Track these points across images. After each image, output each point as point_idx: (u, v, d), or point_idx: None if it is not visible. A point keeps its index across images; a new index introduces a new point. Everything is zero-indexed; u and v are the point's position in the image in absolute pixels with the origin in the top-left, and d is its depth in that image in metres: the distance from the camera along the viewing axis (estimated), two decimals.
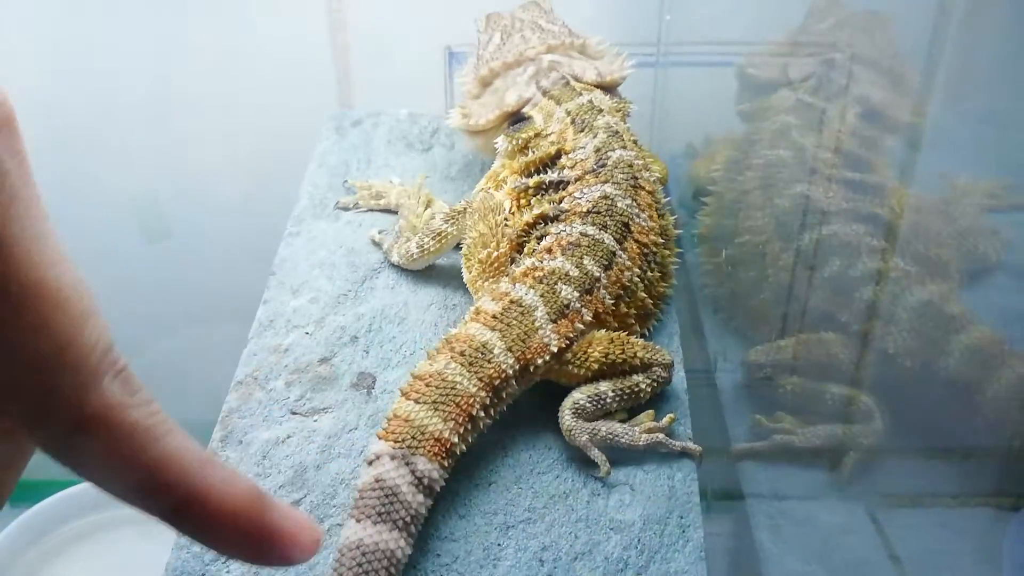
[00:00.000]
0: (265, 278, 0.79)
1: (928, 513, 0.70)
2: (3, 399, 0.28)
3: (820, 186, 0.72)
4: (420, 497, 0.56)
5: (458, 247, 0.74)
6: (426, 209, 0.80)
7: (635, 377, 0.65)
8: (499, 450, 0.64)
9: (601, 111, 0.73)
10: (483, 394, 0.59)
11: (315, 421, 0.66)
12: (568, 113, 0.74)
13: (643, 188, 0.70)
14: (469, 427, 0.59)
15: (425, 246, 0.75)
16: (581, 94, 0.75)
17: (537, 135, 0.75)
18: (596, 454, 0.62)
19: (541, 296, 0.64)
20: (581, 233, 0.68)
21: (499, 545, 0.58)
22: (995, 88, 0.79)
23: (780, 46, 0.90)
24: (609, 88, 0.78)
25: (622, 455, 0.64)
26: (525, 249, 0.70)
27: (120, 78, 1.05)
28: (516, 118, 0.77)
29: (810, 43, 0.86)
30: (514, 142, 0.75)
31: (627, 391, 0.64)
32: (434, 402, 0.58)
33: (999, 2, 0.82)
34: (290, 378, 0.69)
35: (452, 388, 0.59)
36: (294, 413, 0.67)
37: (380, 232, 0.80)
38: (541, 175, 0.73)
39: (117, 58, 1.06)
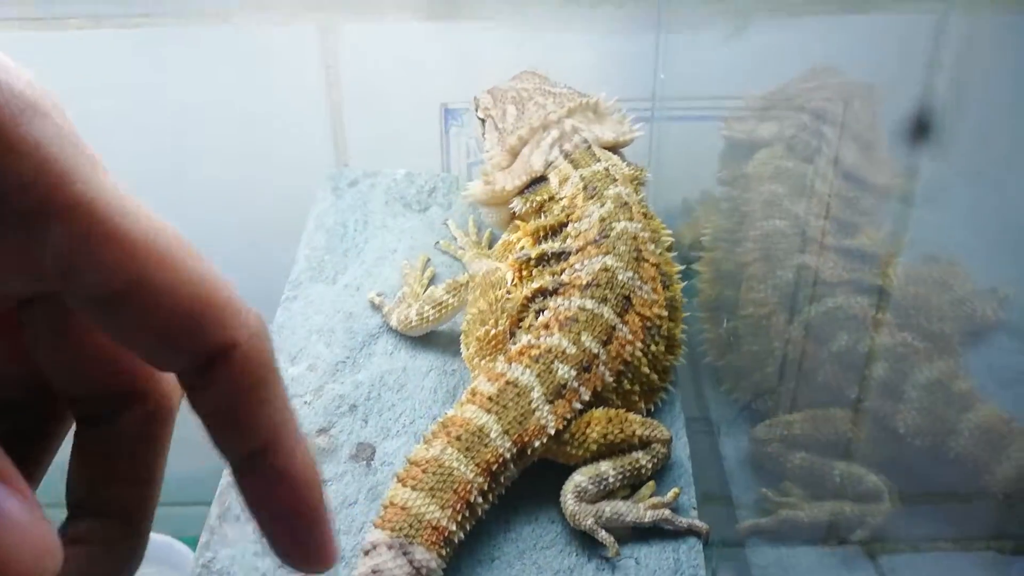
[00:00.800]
0: None
1: (926, 557, 0.70)
2: (153, 340, 0.27)
3: (819, 256, 0.73)
4: None
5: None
6: (429, 284, 0.80)
7: (635, 454, 0.64)
8: (501, 525, 0.63)
9: (615, 180, 0.73)
10: (481, 480, 0.59)
11: None
12: (582, 179, 0.74)
13: (647, 260, 0.70)
14: (467, 514, 0.58)
15: (424, 314, 0.74)
16: (599, 160, 0.75)
17: (551, 198, 0.75)
18: (603, 535, 0.61)
19: (537, 376, 0.64)
20: (580, 307, 0.67)
21: None
22: (986, 147, 0.80)
23: (753, 106, 0.91)
24: (622, 147, 0.79)
25: (625, 529, 0.63)
26: (523, 324, 0.70)
27: (109, 137, 1.05)
28: (534, 181, 0.77)
29: (780, 104, 0.87)
30: (529, 204, 0.75)
31: (629, 470, 0.64)
32: (431, 489, 0.58)
33: (990, 59, 0.83)
34: None
35: (449, 474, 0.58)
36: None
37: (379, 295, 0.80)
38: (543, 245, 0.73)
39: (105, 116, 1.06)
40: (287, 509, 0.30)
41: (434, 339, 0.78)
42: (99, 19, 1.05)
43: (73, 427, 0.32)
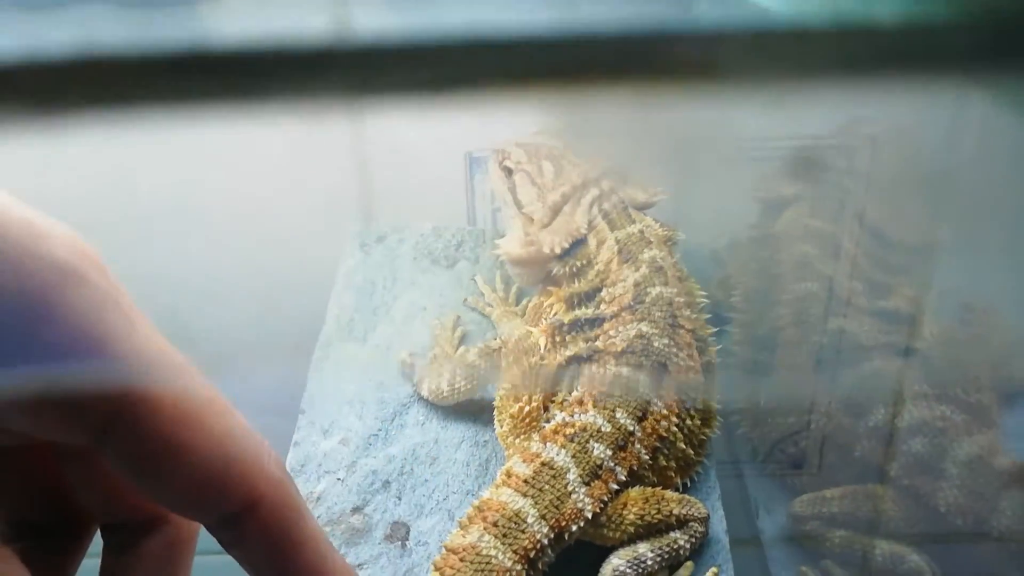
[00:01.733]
0: (288, 404, 0.78)
1: None
2: (179, 497, 0.29)
3: (854, 319, 0.71)
4: None
5: None
6: (460, 343, 0.80)
7: (673, 535, 0.64)
8: None
9: (649, 243, 0.73)
10: (519, 567, 0.59)
11: None
12: (617, 242, 0.73)
13: (682, 327, 0.69)
14: None
15: (456, 386, 0.74)
16: (635, 222, 0.75)
17: (588, 263, 0.74)
18: None
19: (573, 456, 0.63)
20: (615, 374, 0.67)
21: None
22: (1011, 216, 0.78)
23: (783, 157, 0.89)
24: (650, 208, 0.78)
25: None
26: (557, 398, 0.69)
27: (135, 194, 1.06)
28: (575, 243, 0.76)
29: (810, 158, 0.86)
30: (567, 268, 0.75)
31: (667, 551, 0.63)
32: None
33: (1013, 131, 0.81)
34: (324, 529, 0.68)
35: (487, 563, 0.58)
36: None
37: (411, 355, 0.80)
38: (576, 311, 0.73)
39: (130, 169, 1.06)
40: None
41: (465, 407, 0.77)
42: None
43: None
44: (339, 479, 0.72)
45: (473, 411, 0.77)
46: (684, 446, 0.68)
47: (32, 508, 0.33)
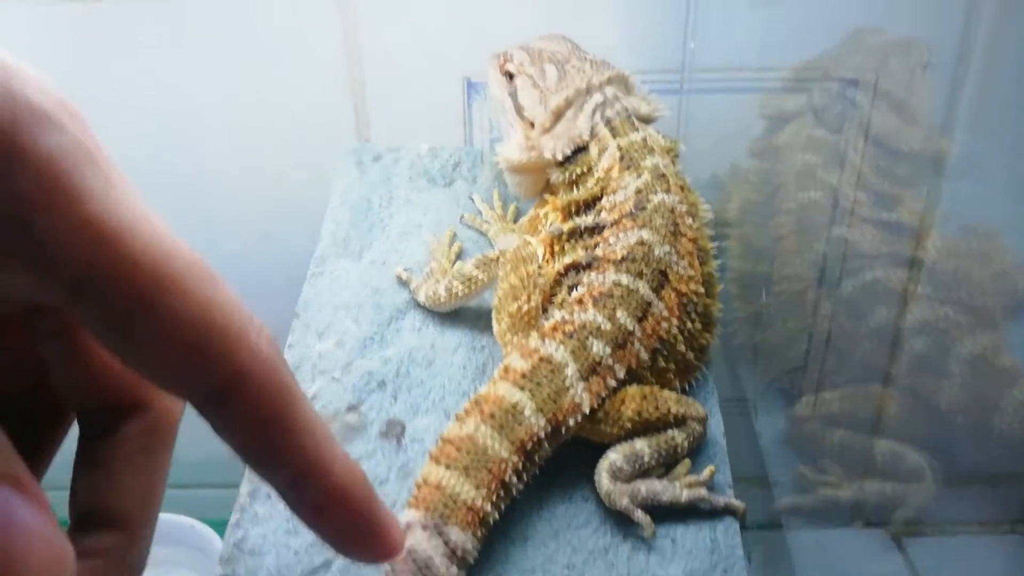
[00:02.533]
0: (287, 320, 0.77)
1: (953, 541, 0.68)
2: (157, 366, 0.27)
3: (857, 228, 0.71)
4: (454, 570, 0.54)
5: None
6: (457, 259, 0.79)
7: (671, 432, 0.63)
8: (534, 504, 0.63)
9: (652, 151, 0.71)
10: (515, 458, 0.58)
11: None
12: (620, 148, 0.72)
13: (684, 235, 0.68)
14: (502, 493, 0.58)
15: (453, 290, 0.73)
16: (637, 130, 0.73)
17: (589, 170, 0.73)
18: (639, 515, 0.60)
19: (571, 352, 0.62)
20: (614, 282, 0.66)
21: None
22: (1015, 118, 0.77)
23: (789, 76, 0.88)
24: (651, 123, 0.77)
25: (661, 508, 0.62)
26: (556, 299, 0.68)
27: (126, 117, 1.04)
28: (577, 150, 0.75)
29: (815, 72, 0.85)
30: (568, 175, 0.73)
31: (664, 448, 0.63)
32: (465, 468, 0.57)
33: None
34: None
35: (483, 453, 0.57)
36: None
37: (406, 270, 0.79)
38: (576, 219, 0.71)
39: (122, 91, 1.04)
40: (341, 521, 0.31)
41: (462, 315, 0.77)
42: None
43: (76, 437, 0.32)
44: (334, 378, 0.71)
45: (470, 318, 0.77)
46: (684, 349, 0.67)
47: (5, 391, 0.31)
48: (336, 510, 0.31)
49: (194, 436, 0.35)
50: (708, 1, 0.89)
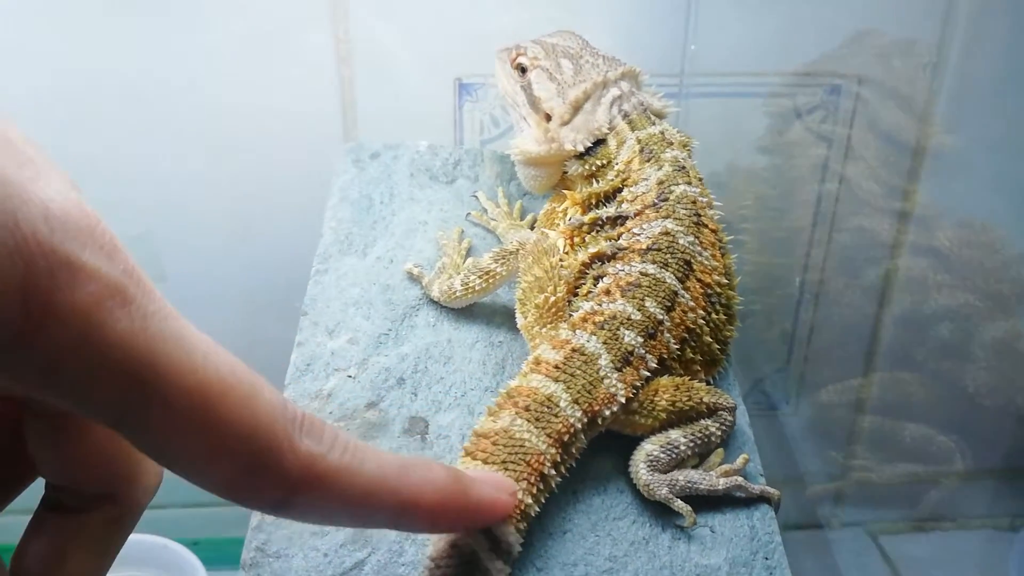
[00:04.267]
0: (286, 319, 0.75)
1: (929, 537, 0.69)
2: (208, 483, 0.29)
3: (875, 219, 0.72)
4: (499, 564, 0.52)
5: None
6: (467, 254, 0.77)
7: (704, 422, 0.63)
8: (569, 496, 0.61)
9: (671, 144, 0.71)
10: (553, 451, 0.56)
11: None
12: (639, 141, 0.72)
13: (706, 226, 0.68)
14: (541, 487, 0.56)
15: (471, 284, 0.71)
16: (654, 123, 0.73)
17: (608, 163, 0.72)
18: (679, 505, 0.59)
19: (604, 343, 0.61)
20: (641, 272, 0.65)
21: None
22: (1002, 115, 0.80)
23: (791, 76, 0.90)
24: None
25: (697, 498, 0.61)
26: (581, 291, 0.67)
27: (116, 111, 1.00)
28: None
29: (821, 71, 0.87)
30: (587, 167, 0.72)
31: (699, 437, 0.62)
32: (503, 462, 0.55)
33: (1002, 29, 0.84)
34: (337, 425, 0.64)
35: (521, 446, 0.56)
36: None
37: (416, 266, 0.77)
38: (597, 211, 0.71)
39: (109, 93, 1.01)
40: (453, 520, 0.37)
41: (477, 311, 0.75)
42: None
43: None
44: (350, 376, 0.68)
45: (485, 313, 0.75)
46: (710, 340, 0.67)
47: None
48: (440, 519, 0.35)
49: None
50: (708, 4, 0.90)
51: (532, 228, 0.81)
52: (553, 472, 0.57)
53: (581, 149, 0.73)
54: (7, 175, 0.24)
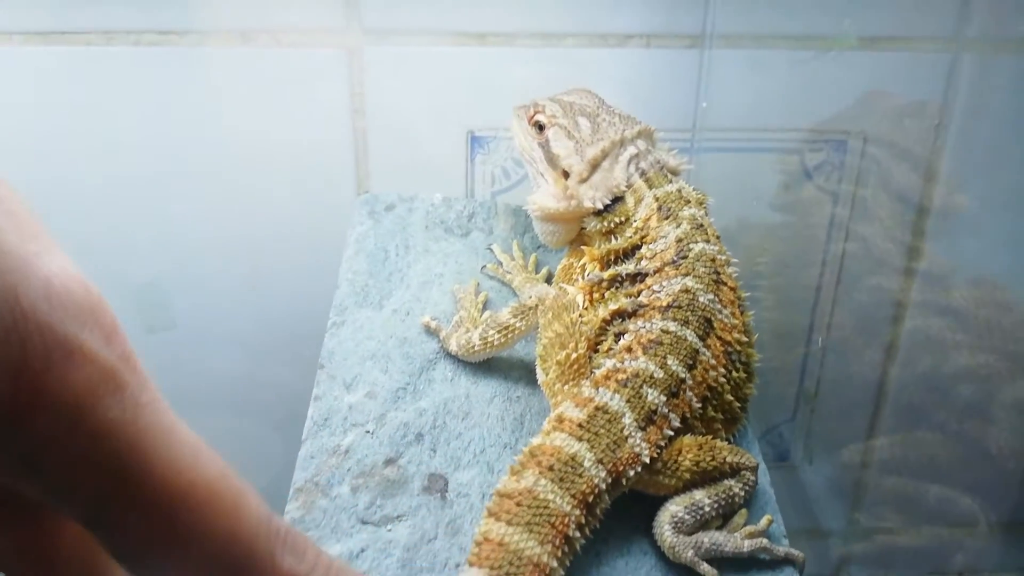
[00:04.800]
0: (300, 370, 0.74)
1: None
2: None
3: (892, 278, 0.72)
4: None
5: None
6: (484, 308, 0.77)
7: (727, 482, 0.62)
8: (592, 558, 0.60)
9: (688, 202, 0.72)
10: (577, 512, 0.56)
11: (389, 531, 0.61)
12: (656, 199, 0.72)
13: (725, 284, 0.68)
14: (566, 549, 0.55)
15: (489, 339, 0.71)
16: (671, 181, 0.74)
17: (627, 220, 0.73)
18: (705, 568, 0.58)
19: (627, 401, 0.61)
20: (662, 330, 0.65)
21: None
22: (1011, 174, 0.81)
23: (799, 132, 0.91)
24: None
25: (720, 560, 0.60)
26: (601, 347, 0.67)
27: (129, 163, 1.01)
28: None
29: (832, 130, 0.88)
30: (605, 223, 0.73)
31: (723, 498, 0.61)
32: (527, 523, 0.54)
33: (1009, 88, 0.85)
34: (355, 483, 0.64)
35: (545, 507, 0.55)
36: (365, 523, 0.62)
37: (434, 319, 0.77)
38: (616, 267, 0.71)
39: (124, 140, 1.01)
40: None
41: (495, 365, 0.75)
42: (110, 35, 1.00)
43: None
44: (368, 431, 0.68)
45: (503, 367, 0.75)
46: (731, 398, 0.66)
47: None
48: None
49: None
50: (720, 62, 0.92)
51: (547, 281, 0.82)
52: (578, 534, 0.56)
53: (600, 207, 0.73)
54: (12, 248, 0.24)
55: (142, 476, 0.25)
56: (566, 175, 0.75)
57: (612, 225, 0.73)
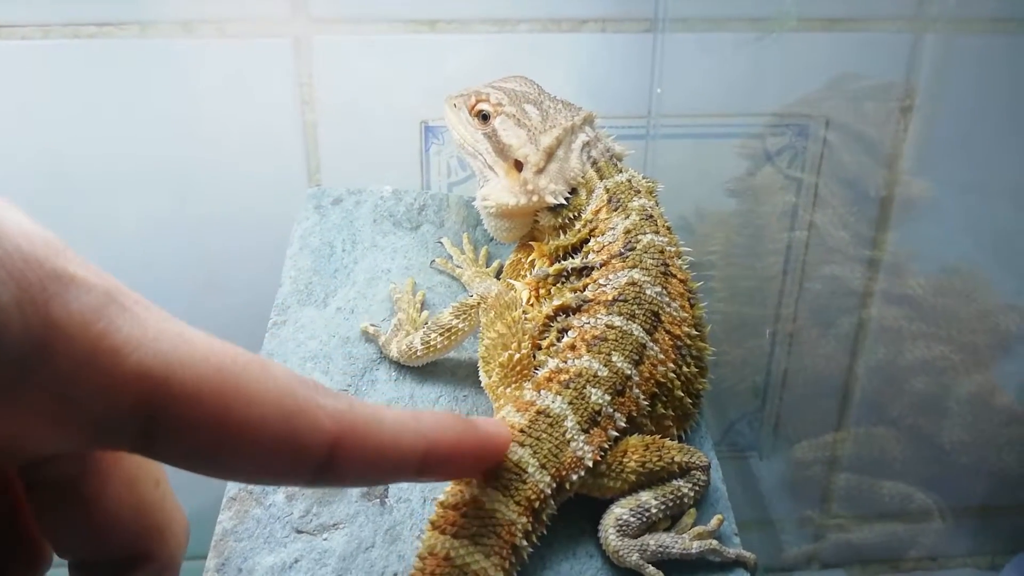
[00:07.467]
0: None
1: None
2: (256, 473, 0.30)
3: (846, 267, 0.70)
4: None
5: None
6: (422, 307, 0.74)
7: (676, 483, 0.60)
8: (537, 563, 0.58)
9: (638, 192, 0.70)
10: (524, 520, 0.53)
11: (325, 540, 0.59)
12: (607, 190, 0.70)
13: (675, 276, 0.66)
14: (514, 560, 0.53)
15: (431, 342, 0.69)
16: (621, 171, 0.71)
17: (577, 214, 0.70)
18: (651, 571, 0.56)
19: (570, 403, 0.59)
20: (607, 325, 0.63)
21: None
22: (974, 157, 0.80)
23: (760, 117, 0.89)
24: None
25: (669, 563, 0.58)
26: (544, 344, 0.65)
27: (66, 159, 0.97)
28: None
29: (793, 115, 0.86)
30: (559, 219, 0.70)
31: (671, 499, 0.59)
32: (473, 536, 0.52)
33: (971, 69, 0.84)
34: (291, 491, 0.62)
35: (491, 517, 0.53)
36: (300, 532, 0.59)
37: (373, 325, 0.74)
38: (563, 262, 0.69)
39: (62, 136, 0.98)
40: (472, 459, 0.39)
41: (440, 365, 0.72)
42: (47, 29, 0.97)
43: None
44: None
45: (449, 366, 0.72)
46: (682, 394, 0.64)
47: None
48: (461, 460, 0.37)
49: None
50: (674, 47, 0.90)
51: (498, 275, 0.79)
52: (525, 543, 0.54)
53: (562, 200, 0.70)
54: None
55: (175, 376, 0.26)
56: (519, 166, 0.72)
57: (565, 220, 0.71)
